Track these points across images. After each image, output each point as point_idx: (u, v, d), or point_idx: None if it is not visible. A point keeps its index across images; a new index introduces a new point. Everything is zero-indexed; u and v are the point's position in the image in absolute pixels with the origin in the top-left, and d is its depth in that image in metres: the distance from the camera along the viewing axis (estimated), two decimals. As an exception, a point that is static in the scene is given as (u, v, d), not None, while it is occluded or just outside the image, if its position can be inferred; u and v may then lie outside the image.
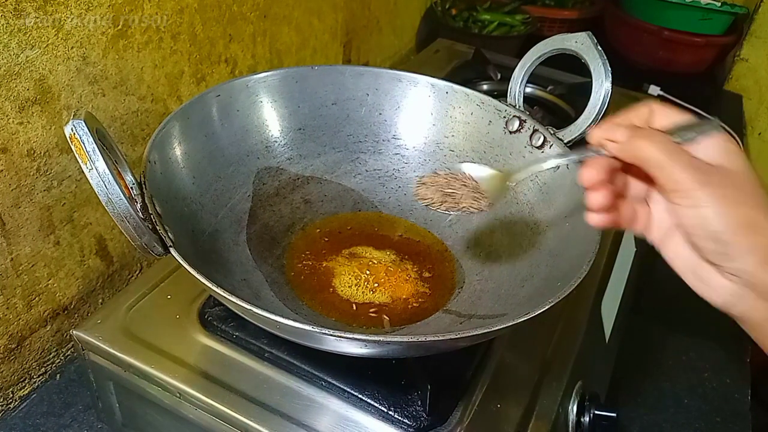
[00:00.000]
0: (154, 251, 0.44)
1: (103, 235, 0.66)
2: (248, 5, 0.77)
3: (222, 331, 0.55)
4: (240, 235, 0.59)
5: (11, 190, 0.54)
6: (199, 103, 0.58)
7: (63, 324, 0.64)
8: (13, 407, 0.62)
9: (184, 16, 0.67)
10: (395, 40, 1.24)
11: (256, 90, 0.62)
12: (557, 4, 1.46)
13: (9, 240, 0.55)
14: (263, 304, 0.45)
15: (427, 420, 0.49)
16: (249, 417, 0.49)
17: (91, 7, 0.56)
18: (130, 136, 0.66)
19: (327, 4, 0.94)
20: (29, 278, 0.59)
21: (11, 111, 0.52)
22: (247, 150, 0.62)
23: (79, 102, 0.58)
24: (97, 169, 0.40)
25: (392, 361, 0.52)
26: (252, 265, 0.57)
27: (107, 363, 0.54)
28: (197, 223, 0.55)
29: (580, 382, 0.59)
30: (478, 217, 0.62)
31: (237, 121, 0.61)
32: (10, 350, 0.60)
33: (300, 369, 0.52)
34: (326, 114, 0.66)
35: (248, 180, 0.62)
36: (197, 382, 0.51)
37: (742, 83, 1.39)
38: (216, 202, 0.58)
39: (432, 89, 0.65)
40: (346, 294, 0.56)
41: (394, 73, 0.66)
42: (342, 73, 0.66)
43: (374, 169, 0.67)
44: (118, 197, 0.41)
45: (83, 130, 0.40)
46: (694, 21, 1.27)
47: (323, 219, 0.64)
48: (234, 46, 0.77)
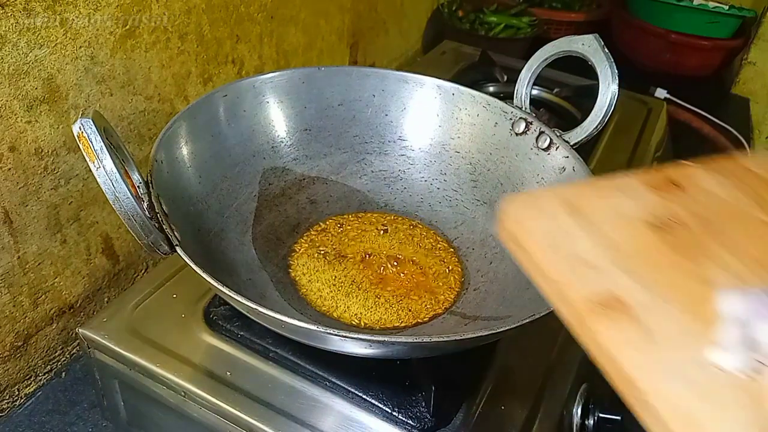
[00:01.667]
0: (160, 250, 0.44)
1: (109, 234, 0.66)
2: (255, 6, 0.77)
3: (227, 330, 0.55)
4: (246, 234, 0.59)
5: (19, 189, 0.55)
6: (205, 103, 0.58)
7: (69, 322, 0.65)
8: (18, 405, 0.62)
9: (192, 16, 0.67)
10: (402, 41, 1.24)
11: (263, 90, 0.62)
12: (564, 7, 1.46)
13: (16, 238, 0.56)
14: (268, 304, 0.45)
15: (431, 421, 0.49)
16: (253, 416, 0.49)
17: (100, 7, 0.56)
18: (137, 135, 0.66)
19: (334, 6, 0.95)
20: (36, 276, 0.59)
21: (19, 110, 0.52)
22: (254, 150, 0.62)
23: (86, 101, 0.58)
24: (105, 168, 0.41)
25: (397, 362, 0.52)
26: (257, 265, 0.57)
27: (113, 361, 0.54)
28: (203, 223, 0.55)
29: (585, 385, 0.59)
30: (483, 218, 0.62)
31: (243, 122, 0.61)
32: (16, 348, 0.60)
33: (305, 369, 0.52)
34: (332, 115, 0.66)
35: (254, 180, 0.62)
36: (202, 381, 0.51)
37: (750, 87, 1.39)
38: (222, 201, 0.58)
39: (438, 91, 0.65)
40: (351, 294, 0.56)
41: (401, 74, 0.66)
42: (348, 74, 0.66)
43: (380, 170, 0.67)
44: (125, 196, 0.41)
45: (91, 128, 0.41)
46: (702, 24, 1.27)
47: (329, 219, 0.65)
48: (241, 47, 0.77)
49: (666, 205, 0.38)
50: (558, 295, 0.32)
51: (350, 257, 0.60)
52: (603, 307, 0.30)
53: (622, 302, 0.31)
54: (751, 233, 0.38)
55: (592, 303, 0.30)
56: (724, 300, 0.32)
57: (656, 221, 0.37)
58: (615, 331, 0.29)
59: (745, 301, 0.31)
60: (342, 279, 0.58)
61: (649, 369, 0.28)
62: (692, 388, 0.28)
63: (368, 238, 0.63)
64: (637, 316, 0.30)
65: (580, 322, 0.30)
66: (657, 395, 0.27)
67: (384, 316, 0.55)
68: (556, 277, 0.32)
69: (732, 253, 0.36)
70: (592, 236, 0.34)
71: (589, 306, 0.30)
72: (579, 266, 0.32)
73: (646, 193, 0.39)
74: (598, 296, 0.31)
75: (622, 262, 0.33)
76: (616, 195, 0.38)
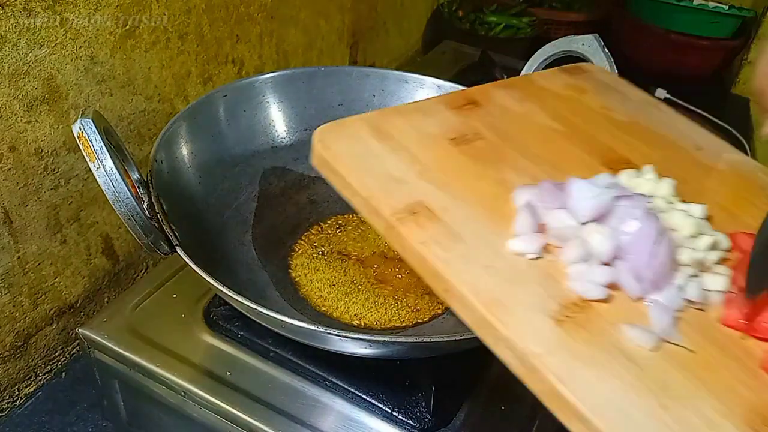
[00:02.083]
0: (160, 250, 0.44)
1: (109, 234, 0.66)
2: (255, 6, 0.77)
3: (227, 330, 0.55)
4: (246, 234, 0.59)
5: (19, 189, 0.55)
6: (205, 103, 0.58)
7: (69, 322, 0.65)
8: (18, 405, 0.62)
9: (192, 16, 0.67)
10: (402, 41, 1.24)
11: (263, 90, 0.62)
12: (564, 7, 1.46)
13: (16, 238, 0.56)
14: (268, 304, 0.45)
15: (431, 421, 0.49)
16: (253, 416, 0.49)
17: (100, 7, 0.56)
18: (137, 135, 0.66)
19: (334, 6, 0.95)
20: (36, 276, 0.59)
21: (19, 110, 0.52)
22: (254, 150, 0.62)
23: (86, 101, 0.58)
24: (105, 168, 0.41)
25: (397, 362, 0.52)
26: (257, 265, 0.57)
27: (113, 361, 0.54)
28: (203, 223, 0.55)
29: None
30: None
31: (243, 122, 0.61)
32: (16, 348, 0.60)
33: (305, 369, 0.52)
34: (333, 115, 0.66)
35: (254, 180, 0.62)
36: (202, 381, 0.51)
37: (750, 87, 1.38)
38: (222, 201, 0.58)
39: (438, 91, 0.65)
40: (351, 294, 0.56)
41: (401, 74, 0.66)
42: (348, 74, 0.66)
43: (380, 170, 0.67)
44: (125, 196, 0.41)
45: (91, 128, 0.41)
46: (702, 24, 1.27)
47: (329, 219, 0.65)
48: (241, 47, 0.77)
49: (465, 121, 0.41)
50: (368, 208, 0.34)
51: (350, 257, 0.60)
52: (410, 214, 0.33)
53: (428, 208, 0.33)
54: (541, 138, 0.42)
55: (400, 212, 0.33)
56: (517, 196, 0.35)
57: (457, 136, 0.40)
58: (421, 234, 0.32)
59: (533, 193, 0.35)
60: (342, 279, 0.58)
61: (454, 263, 0.31)
62: (494, 273, 0.31)
63: (368, 238, 0.63)
64: (442, 219, 0.33)
65: (389, 229, 0.33)
66: (462, 283, 0.30)
67: (384, 316, 0.55)
68: (365, 194, 0.34)
69: (525, 157, 0.40)
70: (398, 155, 0.37)
71: (397, 215, 0.33)
72: (387, 182, 0.35)
73: (447, 112, 0.42)
74: (405, 206, 0.33)
75: (427, 175, 0.36)
76: (419, 116, 0.41)
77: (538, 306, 0.30)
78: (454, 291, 0.30)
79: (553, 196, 0.34)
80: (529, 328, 0.29)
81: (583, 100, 0.48)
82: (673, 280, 0.32)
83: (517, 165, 0.39)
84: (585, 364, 0.27)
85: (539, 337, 0.28)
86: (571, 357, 0.28)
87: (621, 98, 0.50)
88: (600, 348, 0.28)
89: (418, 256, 0.31)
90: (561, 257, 0.32)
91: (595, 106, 0.48)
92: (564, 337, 0.28)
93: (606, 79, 0.53)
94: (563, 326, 0.29)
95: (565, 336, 0.29)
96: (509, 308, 0.29)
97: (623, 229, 0.32)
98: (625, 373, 0.28)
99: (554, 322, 0.29)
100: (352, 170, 0.35)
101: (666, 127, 0.48)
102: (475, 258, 0.31)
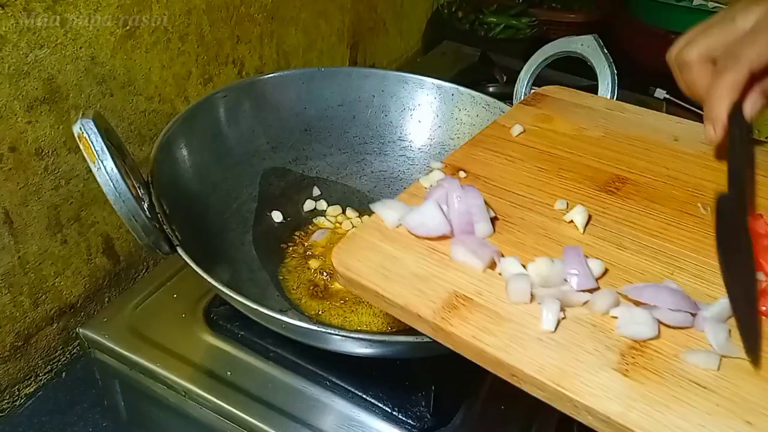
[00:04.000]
0: (161, 250, 0.44)
1: (110, 234, 0.66)
2: (256, 7, 0.77)
3: (227, 330, 0.55)
4: (246, 235, 0.59)
5: (19, 189, 0.55)
6: (206, 104, 0.58)
7: (69, 322, 0.65)
8: (19, 405, 0.62)
9: (192, 17, 0.67)
10: (401, 42, 1.24)
11: (263, 91, 0.62)
12: (563, 7, 1.46)
13: (17, 238, 0.56)
14: (269, 304, 0.45)
15: (431, 420, 0.49)
16: (254, 416, 0.49)
17: (100, 8, 0.56)
18: (137, 136, 0.66)
19: (334, 6, 0.95)
20: (36, 276, 0.59)
21: (20, 110, 0.52)
22: (254, 150, 0.62)
23: (87, 102, 0.58)
24: (105, 168, 0.41)
25: (397, 362, 0.52)
26: (258, 265, 0.57)
27: (113, 361, 0.54)
28: (204, 223, 0.55)
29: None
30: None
31: (244, 122, 0.61)
32: (16, 348, 0.60)
33: (305, 369, 0.52)
34: (332, 115, 0.66)
35: (254, 180, 0.62)
36: (202, 381, 0.51)
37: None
38: (222, 202, 0.58)
39: (438, 91, 0.66)
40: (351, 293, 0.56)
41: (400, 75, 0.66)
42: (348, 75, 0.66)
43: (380, 170, 0.67)
44: (126, 196, 0.41)
45: (92, 129, 0.41)
46: (701, 24, 1.27)
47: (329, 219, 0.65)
48: (241, 48, 0.77)
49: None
50: (409, 315, 0.33)
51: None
52: (450, 309, 0.33)
53: (464, 296, 0.33)
54: (534, 184, 0.43)
55: (440, 310, 0.32)
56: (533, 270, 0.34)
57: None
58: (469, 327, 0.32)
59: (553, 267, 0.34)
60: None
61: (510, 347, 0.31)
62: (549, 343, 0.31)
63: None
64: (480, 303, 0.33)
65: (437, 331, 0.32)
66: (526, 365, 0.30)
67: (384, 316, 0.55)
68: (402, 302, 0.33)
69: (524, 208, 0.41)
70: (414, 251, 0.36)
71: (439, 315, 0.32)
72: (416, 283, 0.34)
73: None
74: (443, 301, 0.33)
75: (448, 261, 0.36)
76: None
77: (601, 363, 0.30)
78: (521, 375, 0.30)
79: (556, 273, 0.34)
80: (601, 388, 0.28)
81: (554, 128, 0.49)
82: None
83: (520, 224, 0.39)
84: (664, 407, 0.28)
85: (613, 394, 0.28)
86: (649, 405, 0.28)
87: (587, 112, 0.52)
88: (671, 385, 0.29)
89: (475, 349, 0.31)
90: (594, 308, 0.33)
91: (568, 131, 0.49)
92: (635, 386, 0.29)
93: (566, 98, 0.54)
94: (630, 375, 0.29)
95: (636, 385, 0.29)
96: (576, 374, 0.29)
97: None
98: (703, 402, 0.28)
99: (621, 373, 0.29)
100: (379, 282, 0.34)
101: (639, 128, 0.49)
102: (525, 333, 0.31)
